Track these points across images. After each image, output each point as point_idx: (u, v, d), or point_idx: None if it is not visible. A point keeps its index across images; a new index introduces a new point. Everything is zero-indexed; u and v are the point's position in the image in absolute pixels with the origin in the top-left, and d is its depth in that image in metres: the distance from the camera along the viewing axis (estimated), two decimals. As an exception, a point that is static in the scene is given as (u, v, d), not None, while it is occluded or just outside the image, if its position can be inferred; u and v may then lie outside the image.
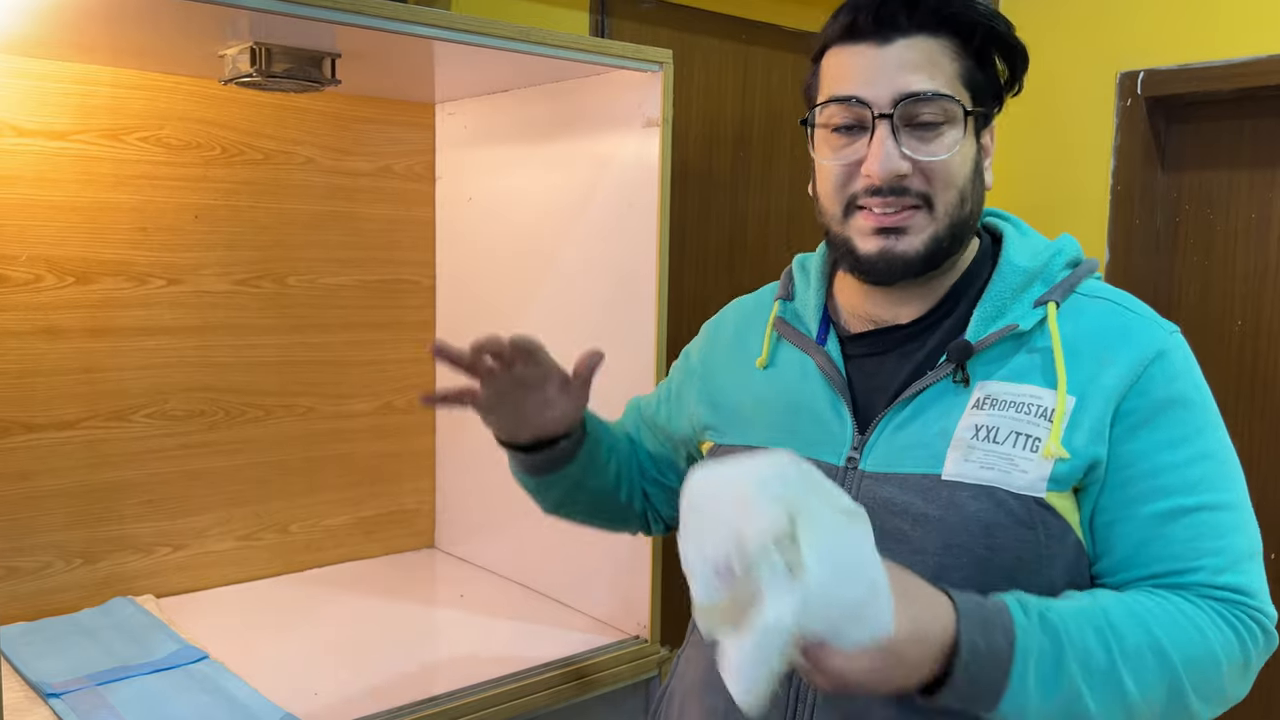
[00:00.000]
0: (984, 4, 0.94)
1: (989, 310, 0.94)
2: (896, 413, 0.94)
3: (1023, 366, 0.91)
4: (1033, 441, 0.87)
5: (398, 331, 1.89)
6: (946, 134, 0.92)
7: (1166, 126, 2.39)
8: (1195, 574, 0.86)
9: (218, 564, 1.71)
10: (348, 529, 1.86)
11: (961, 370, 0.92)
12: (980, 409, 0.90)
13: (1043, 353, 0.91)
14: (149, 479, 1.63)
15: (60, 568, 1.56)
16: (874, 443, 0.94)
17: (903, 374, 0.96)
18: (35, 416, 1.51)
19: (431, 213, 1.91)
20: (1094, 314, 0.93)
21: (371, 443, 1.87)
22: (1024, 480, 0.87)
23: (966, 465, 0.89)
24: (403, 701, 1.30)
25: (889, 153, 0.91)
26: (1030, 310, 0.93)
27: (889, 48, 0.92)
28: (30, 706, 1.25)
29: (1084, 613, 0.83)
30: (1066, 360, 0.89)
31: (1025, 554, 0.87)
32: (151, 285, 1.60)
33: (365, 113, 1.80)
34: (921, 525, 0.89)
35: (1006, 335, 0.92)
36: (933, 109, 0.91)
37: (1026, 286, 0.94)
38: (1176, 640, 0.83)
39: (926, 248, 0.93)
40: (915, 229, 0.93)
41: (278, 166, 1.72)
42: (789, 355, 1.05)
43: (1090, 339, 0.91)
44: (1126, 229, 2.38)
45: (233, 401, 1.70)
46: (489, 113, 1.78)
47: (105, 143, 1.54)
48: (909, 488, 0.90)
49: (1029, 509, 0.87)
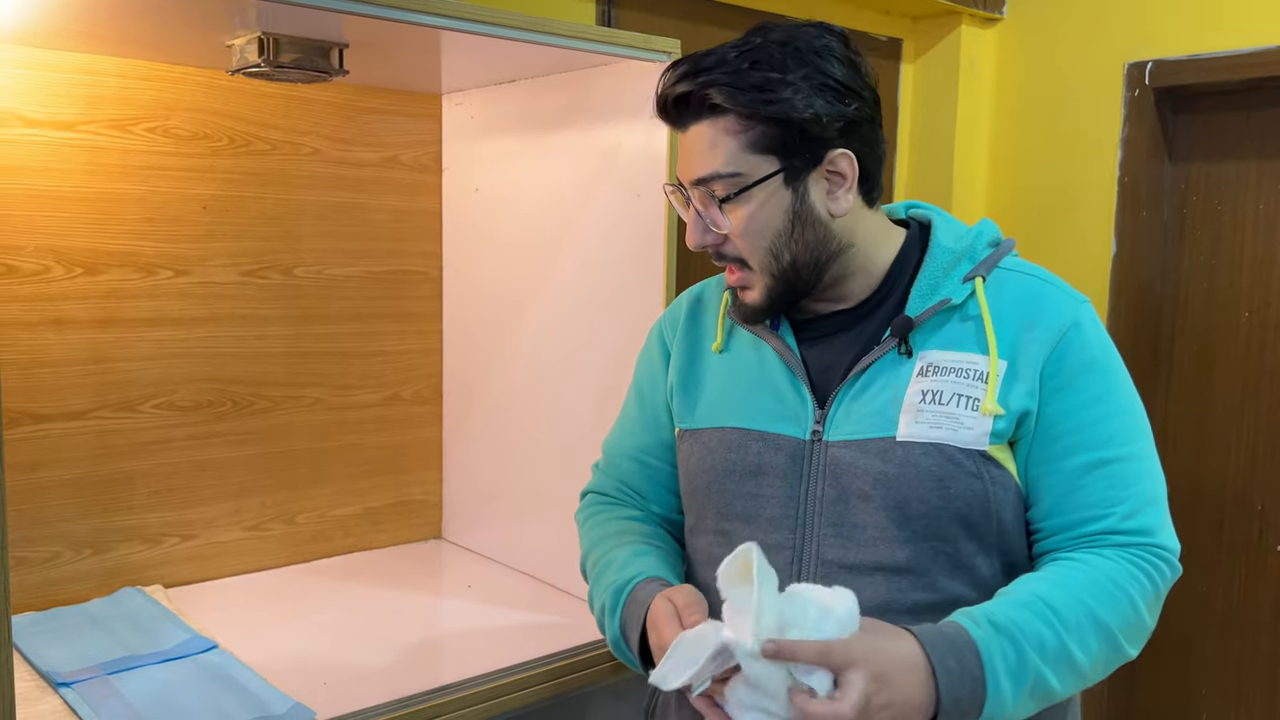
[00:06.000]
0: (762, 75, 0.98)
1: (924, 288, 1.04)
2: (850, 385, 1.04)
3: (958, 335, 1.03)
4: (973, 401, 0.99)
5: (404, 323, 1.89)
6: (739, 205, 1.01)
7: (1174, 117, 2.38)
8: (1107, 519, 0.98)
9: (225, 554, 1.72)
10: (355, 519, 1.87)
11: (905, 343, 1.03)
12: (925, 376, 1.01)
13: (974, 321, 1.03)
14: (157, 469, 1.63)
15: (69, 558, 1.56)
16: (834, 415, 1.04)
17: (852, 352, 1.06)
18: (44, 407, 1.52)
19: (438, 203, 1.91)
20: (1016, 286, 1.04)
21: (378, 433, 1.88)
22: (969, 436, 0.99)
23: (917, 426, 1.00)
24: (411, 691, 1.30)
25: (691, 229, 1.05)
26: (960, 285, 1.03)
27: (687, 134, 1.03)
28: (40, 696, 1.25)
29: (1025, 604, 0.94)
30: (995, 327, 1.01)
31: (974, 501, 0.99)
32: (159, 276, 1.60)
33: (372, 103, 1.80)
34: (882, 484, 1.00)
35: (942, 308, 1.03)
36: (721, 185, 1.01)
37: (955, 265, 1.05)
38: (1104, 602, 0.95)
39: (766, 298, 1.05)
40: (750, 284, 1.05)
41: (285, 157, 1.71)
42: (743, 340, 1.13)
43: (1014, 308, 1.02)
44: (1134, 220, 2.37)
45: (240, 392, 1.70)
46: (496, 103, 1.78)
47: (112, 133, 1.54)
48: (869, 451, 1.01)
49: (975, 461, 0.99)
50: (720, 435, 1.09)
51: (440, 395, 1.95)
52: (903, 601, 0.99)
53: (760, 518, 1.06)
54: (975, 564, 1.01)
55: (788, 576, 1.03)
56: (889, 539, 1.00)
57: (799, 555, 1.03)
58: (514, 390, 1.79)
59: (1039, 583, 0.97)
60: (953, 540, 0.99)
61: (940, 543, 0.99)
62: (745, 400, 1.09)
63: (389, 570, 1.79)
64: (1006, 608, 0.94)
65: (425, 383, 1.93)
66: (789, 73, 0.98)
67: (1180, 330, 2.40)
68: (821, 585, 0.91)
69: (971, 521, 0.99)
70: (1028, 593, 0.95)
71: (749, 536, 1.04)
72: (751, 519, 1.06)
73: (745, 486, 1.07)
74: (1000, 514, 1.00)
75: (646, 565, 1.11)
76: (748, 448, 1.07)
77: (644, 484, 1.23)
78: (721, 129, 0.99)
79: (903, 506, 0.99)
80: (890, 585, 1.00)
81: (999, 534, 1.01)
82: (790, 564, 1.03)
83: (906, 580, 1.00)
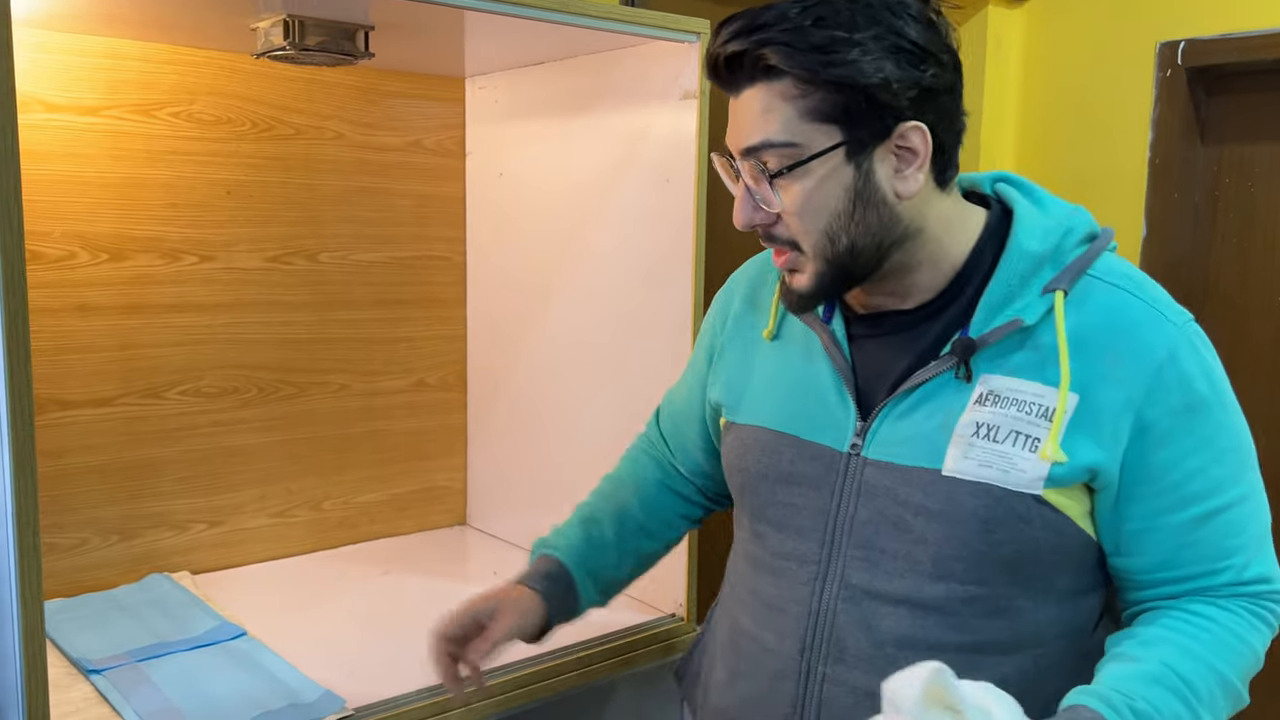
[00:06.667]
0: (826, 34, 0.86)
1: (994, 299, 0.92)
2: (898, 402, 0.95)
3: (1026, 362, 0.91)
4: (1032, 442, 0.89)
5: (429, 309, 1.88)
6: (794, 181, 0.90)
7: (1207, 98, 2.34)
8: (1224, 573, 0.91)
9: (252, 541, 1.72)
10: (380, 506, 1.86)
11: (965, 365, 0.92)
12: (983, 405, 0.91)
13: (1047, 348, 0.91)
14: (183, 456, 1.63)
15: (97, 544, 1.56)
16: (876, 430, 0.96)
17: (905, 362, 0.96)
18: (70, 394, 1.51)
19: (462, 188, 1.89)
20: (1103, 302, 0.91)
21: (404, 420, 1.87)
22: (1021, 479, 0.89)
23: (966, 462, 0.90)
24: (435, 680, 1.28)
25: (740, 206, 0.94)
26: (1037, 299, 0.91)
27: (739, 98, 0.92)
28: (71, 683, 1.25)
29: (1159, 680, 0.86)
30: (1071, 351, 0.89)
31: (1024, 548, 0.90)
32: (184, 262, 1.59)
33: (395, 87, 1.78)
34: (922, 516, 0.92)
35: (1011, 331, 0.91)
36: (774, 157, 0.90)
37: (1035, 272, 0.92)
38: (1232, 662, 0.89)
39: (815, 284, 0.94)
40: (799, 268, 0.94)
41: (309, 142, 1.70)
42: (795, 328, 1.06)
43: (1098, 331, 0.90)
44: (1164, 203, 2.33)
45: (265, 378, 1.70)
46: (520, 86, 1.76)
47: (136, 118, 1.53)
48: (910, 480, 0.93)
49: (1027, 505, 0.89)
50: (757, 436, 1.05)
51: (465, 382, 1.94)
52: (926, 639, 0.93)
53: (790, 526, 1.01)
54: (1016, 606, 0.93)
55: (810, 594, 0.99)
56: (921, 574, 0.92)
57: (823, 573, 0.98)
58: (539, 376, 1.78)
59: (1167, 649, 0.88)
60: (991, 584, 0.91)
61: (977, 586, 0.91)
62: (786, 400, 1.03)
63: (414, 557, 1.79)
64: (1141, 687, 0.85)
65: (450, 369, 1.92)
66: (856, 31, 0.85)
67: (1211, 314, 2.36)
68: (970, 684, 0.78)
69: (1017, 567, 0.91)
70: (1158, 664, 0.87)
71: (780, 543, 1.02)
72: (783, 526, 1.02)
73: (778, 494, 1.02)
74: (1050, 562, 0.92)
75: (562, 540, 1.18)
76: (782, 454, 1.02)
77: (675, 444, 1.24)
78: (777, 94, 0.88)
79: (941, 545, 0.91)
80: (915, 621, 0.93)
81: (1048, 578, 0.93)
82: (814, 580, 0.98)
83: (935, 618, 0.93)
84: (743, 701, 1.05)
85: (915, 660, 0.87)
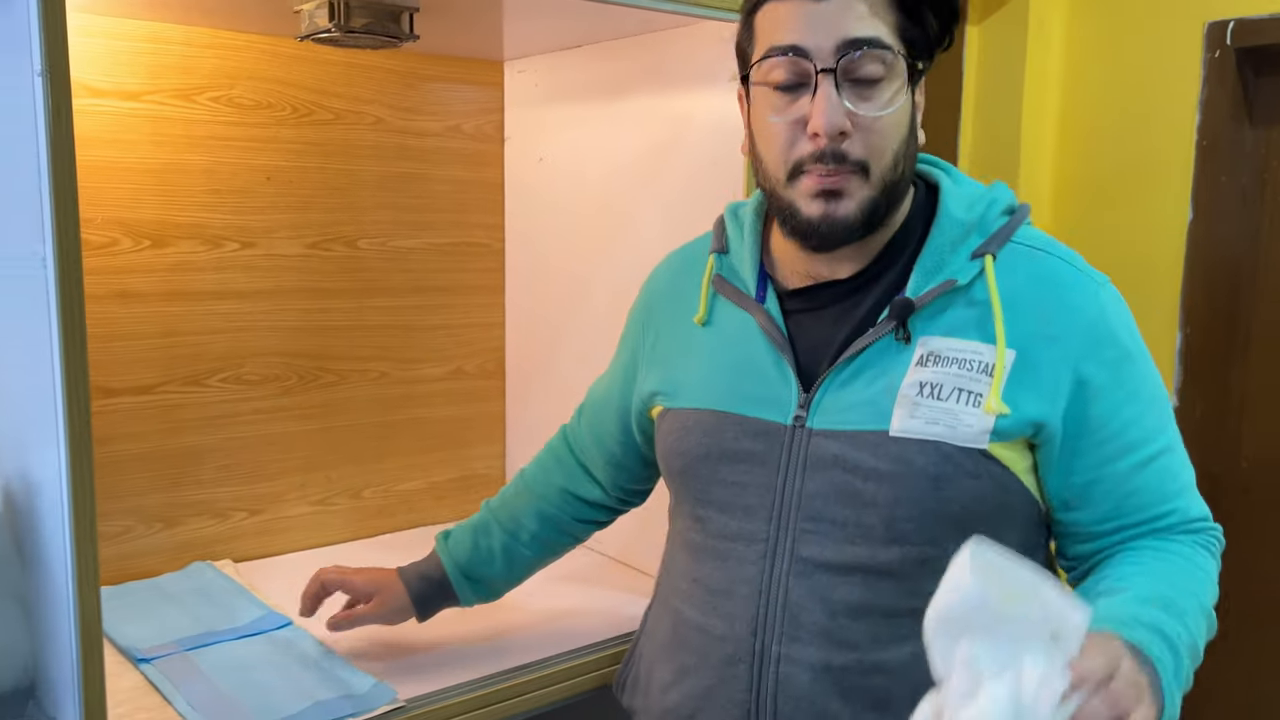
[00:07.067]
0: None
1: (928, 265, 0.95)
2: (840, 370, 0.96)
3: (962, 321, 0.93)
4: (975, 397, 0.91)
5: (468, 295, 1.86)
6: (886, 89, 0.91)
7: (1256, 79, 2.28)
8: (1170, 516, 0.95)
9: (293, 529, 1.71)
10: (419, 494, 1.85)
11: (903, 328, 0.94)
12: (924, 365, 0.93)
13: (981, 306, 0.93)
14: (225, 444, 1.62)
15: (141, 532, 1.56)
16: (819, 401, 0.96)
17: (844, 331, 0.97)
18: (113, 381, 1.51)
19: (501, 174, 1.87)
20: (1029, 266, 0.95)
21: (443, 407, 1.85)
22: (968, 433, 0.91)
23: (913, 421, 0.92)
24: (488, 670, 1.28)
25: (833, 106, 0.89)
26: (968, 263, 0.94)
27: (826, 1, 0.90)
28: (121, 671, 1.24)
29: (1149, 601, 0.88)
30: (1005, 312, 0.92)
31: (972, 505, 0.92)
32: (225, 249, 1.58)
33: (433, 71, 1.76)
34: (873, 480, 0.92)
35: (945, 290, 0.93)
36: (874, 62, 0.90)
37: (964, 239, 0.96)
38: (1202, 586, 0.93)
39: (863, 212, 0.93)
40: (851, 193, 0.92)
41: (348, 127, 1.68)
42: (727, 312, 1.06)
43: (1028, 291, 0.93)
44: (1212, 186, 2.28)
45: (306, 366, 1.69)
46: (560, 69, 1.73)
47: (177, 103, 1.52)
48: (859, 444, 0.93)
49: (974, 460, 0.91)
50: (697, 417, 1.03)
51: (503, 369, 1.93)
52: (880, 605, 0.93)
53: (736, 506, 0.99)
54: None
55: (759, 572, 0.97)
56: (873, 539, 0.92)
57: (772, 550, 0.97)
58: (577, 364, 1.76)
59: (1143, 579, 0.91)
60: (943, 544, 0.90)
61: (930, 546, 0.92)
62: (725, 380, 1.02)
63: (455, 545, 1.77)
64: (1135, 608, 0.87)
65: (489, 356, 1.90)
66: None
67: (1259, 299, 2.31)
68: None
69: (967, 526, 0.90)
70: (1153, 593, 0.89)
71: (725, 524, 1.00)
72: (727, 507, 1.00)
73: (721, 473, 1.00)
74: (998, 516, 0.93)
75: (453, 544, 1.28)
76: (724, 431, 1.00)
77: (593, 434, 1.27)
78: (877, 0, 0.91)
79: (893, 506, 0.91)
80: (869, 588, 0.93)
81: (996, 536, 0.88)
82: (763, 558, 0.97)
83: (888, 583, 0.93)
84: (693, 696, 1.02)
85: (870, 629, 0.90)
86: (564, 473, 1.30)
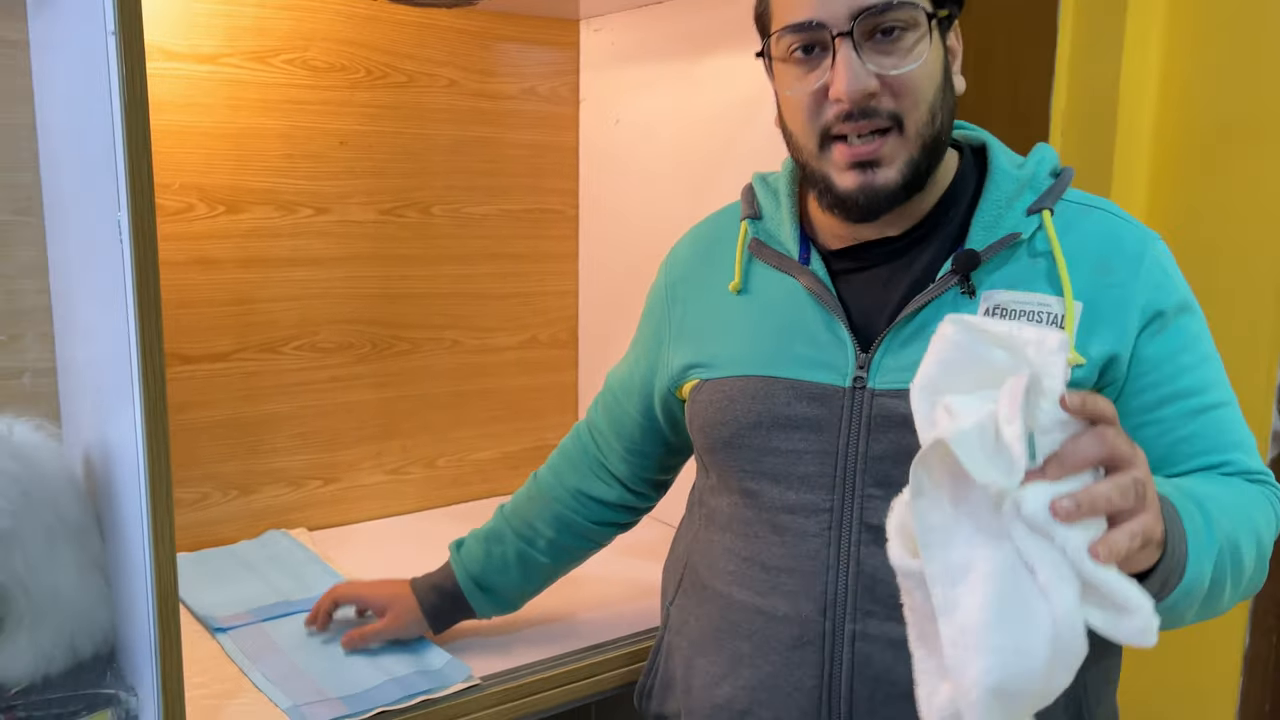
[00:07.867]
0: None
1: (987, 219, 0.92)
2: (901, 327, 0.91)
3: (1026, 274, 0.91)
4: None
5: (542, 263, 1.82)
6: (910, 42, 0.87)
7: (1382, 32, 2.12)
8: (1230, 464, 0.90)
9: (367, 498, 1.70)
10: (493, 463, 1.83)
11: (967, 281, 0.90)
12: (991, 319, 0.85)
13: (1044, 258, 0.91)
14: (300, 411, 1.61)
15: (217, 499, 1.56)
16: (880, 361, 0.91)
17: (900, 289, 0.93)
18: (190, 348, 1.50)
19: (576, 137, 1.82)
20: (1084, 222, 0.93)
21: (516, 377, 1.83)
22: None
23: None
24: (562, 648, 1.25)
25: (855, 72, 0.86)
26: (1025, 218, 0.91)
27: None
28: (198, 640, 1.24)
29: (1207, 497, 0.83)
30: (1068, 266, 0.90)
31: None
32: (300, 215, 1.56)
33: (508, 31, 1.72)
34: None
35: (1009, 244, 0.90)
36: (892, 17, 0.87)
37: (1018, 195, 0.93)
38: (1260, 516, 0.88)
39: (904, 175, 0.89)
40: (889, 158, 0.89)
41: (422, 90, 1.65)
42: (766, 277, 1.00)
43: (1087, 245, 0.91)
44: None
45: (380, 334, 1.67)
46: (637, 27, 1.67)
47: (252, 66, 1.50)
48: None
49: None
50: (742, 385, 0.97)
51: (576, 339, 1.89)
52: None
53: (792, 476, 0.94)
54: None
55: (824, 545, 0.92)
56: None
57: (838, 520, 0.91)
58: (656, 333, 1.71)
59: (1200, 482, 0.87)
60: None
61: None
62: (770, 345, 0.97)
63: (528, 517, 1.75)
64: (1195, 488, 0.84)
65: (562, 325, 1.87)
66: None
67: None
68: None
69: None
70: (1198, 487, 0.84)
71: (778, 496, 0.94)
72: (782, 478, 0.94)
73: (774, 441, 0.94)
74: None
75: (466, 555, 1.23)
76: (776, 397, 0.94)
77: (612, 423, 1.20)
78: None
79: None
80: None
81: None
82: (828, 529, 0.92)
83: None
84: (750, 688, 0.96)
85: None
86: (577, 473, 1.23)
